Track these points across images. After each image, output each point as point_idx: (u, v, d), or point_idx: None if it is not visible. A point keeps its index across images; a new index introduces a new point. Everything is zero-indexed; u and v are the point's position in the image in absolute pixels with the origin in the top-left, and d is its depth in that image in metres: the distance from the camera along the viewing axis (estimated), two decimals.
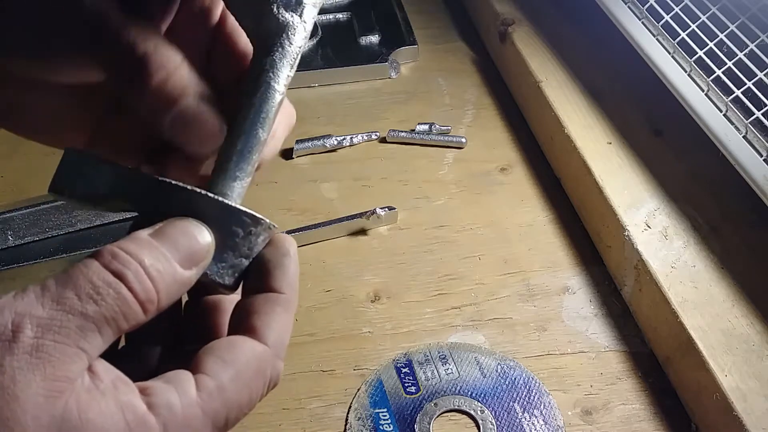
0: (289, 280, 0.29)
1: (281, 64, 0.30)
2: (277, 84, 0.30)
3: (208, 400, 0.26)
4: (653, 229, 0.57)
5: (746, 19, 0.55)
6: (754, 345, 0.49)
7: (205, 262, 0.28)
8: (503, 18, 0.79)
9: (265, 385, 0.28)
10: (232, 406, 0.27)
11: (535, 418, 0.50)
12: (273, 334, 0.28)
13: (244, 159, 0.30)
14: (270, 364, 0.28)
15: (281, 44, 0.30)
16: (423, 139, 0.72)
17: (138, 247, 0.26)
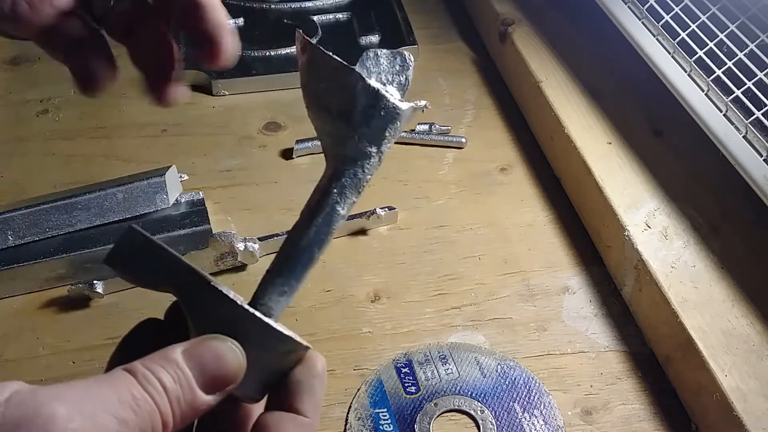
0: (316, 404, 0.30)
1: (350, 191, 0.32)
2: (342, 209, 0.31)
3: None
4: (653, 229, 0.57)
5: (746, 19, 0.55)
6: (754, 345, 0.49)
7: (231, 387, 0.28)
8: (503, 18, 0.79)
9: None
10: None
11: (535, 418, 0.50)
12: None
13: (294, 276, 0.31)
14: None
15: (355, 172, 0.32)
16: (423, 139, 0.71)
17: (165, 368, 0.26)
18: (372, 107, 0.30)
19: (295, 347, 0.30)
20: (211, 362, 0.27)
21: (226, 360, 0.28)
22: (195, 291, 0.29)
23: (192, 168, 0.68)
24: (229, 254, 0.58)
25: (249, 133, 0.73)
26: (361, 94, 0.30)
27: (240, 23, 0.84)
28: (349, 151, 0.31)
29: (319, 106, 0.32)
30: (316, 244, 0.31)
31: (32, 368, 0.52)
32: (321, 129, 0.33)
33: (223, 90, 0.77)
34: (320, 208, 0.31)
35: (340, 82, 0.30)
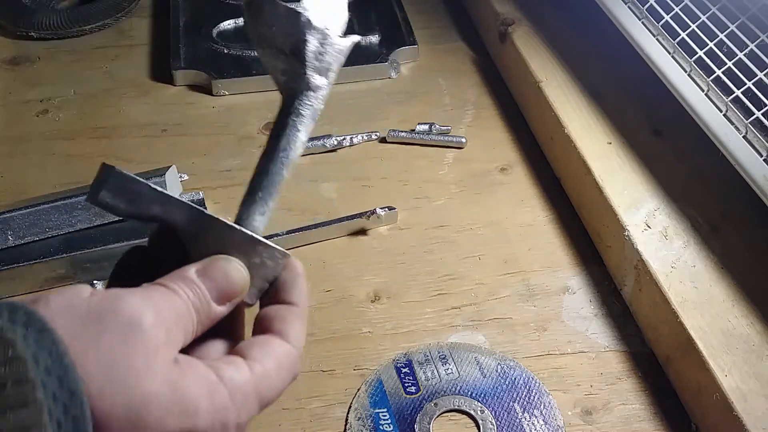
0: (303, 294, 0.36)
1: (307, 117, 0.37)
2: (301, 133, 0.37)
3: (258, 380, 0.32)
4: (653, 229, 0.57)
5: (746, 19, 0.55)
6: (754, 345, 0.49)
7: (238, 300, 0.33)
8: (503, 18, 0.79)
9: (292, 379, 0.34)
10: (272, 389, 0.33)
11: (535, 418, 0.50)
12: (295, 336, 0.34)
13: (270, 196, 0.36)
14: (296, 360, 0.34)
15: (311, 102, 0.37)
16: (423, 139, 0.71)
17: (187, 285, 0.31)
18: (321, 45, 0.35)
19: (281, 255, 0.35)
20: (222, 279, 0.32)
21: (233, 277, 0.33)
22: (188, 219, 0.33)
23: (192, 168, 0.68)
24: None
25: (249, 133, 0.73)
26: (311, 34, 0.35)
27: (240, 23, 0.84)
28: (303, 84, 0.36)
29: (271, 47, 0.36)
30: (283, 166, 0.36)
31: None
32: (274, 67, 0.38)
33: (223, 90, 0.77)
34: (283, 134, 0.36)
35: (291, 25, 0.35)
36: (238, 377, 0.31)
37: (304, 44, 0.35)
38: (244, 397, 0.31)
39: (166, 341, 0.29)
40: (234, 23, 0.84)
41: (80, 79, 0.78)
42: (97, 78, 0.78)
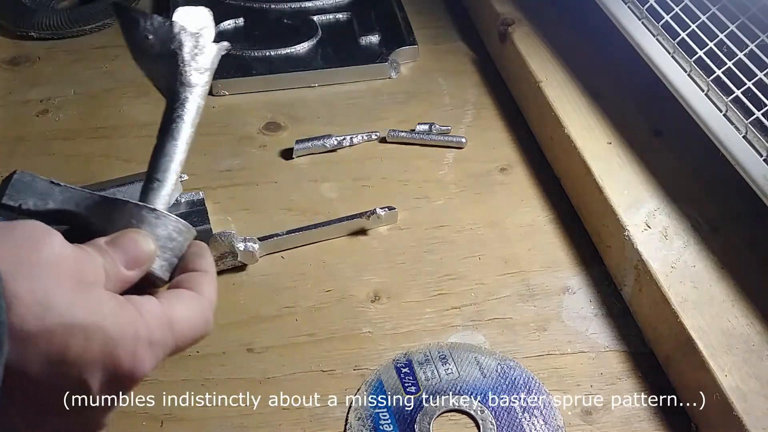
0: (210, 264, 0.39)
1: (191, 110, 0.42)
2: (187, 124, 0.41)
3: (169, 310, 0.35)
4: (653, 229, 0.57)
5: (746, 19, 0.55)
6: (754, 345, 0.49)
7: (147, 265, 0.36)
8: (503, 18, 0.79)
9: (204, 324, 0.36)
10: (184, 324, 0.35)
11: (535, 418, 0.50)
12: (206, 291, 0.37)
13: (168, 180, 0.40)
14: (207, 308, 0.37)
15: (191, 97, 0.41)
16: (423, 139, 0.71)
17: (94, 249, 0.34)
18: (195, 47, 0.41)
19: (186, 228, 0.38)
20: (130, 245, 0.35)
21: (140, 243, 0.36)
22: (95, 206, 0.37)
23: (192, 168, 0.68)
24: (229, 254, 0.58)
25: (249, 133, 0.73)
26: (186, 38, 0.40)
27: (240, 23, 0.84)
28: (184, 83, 0.41)
29: (150, 56, 0.41)
30: (177, 153, 0.41)
31: None
32: (155, 74, 0.42)
33: (223, 90, 0.77)
34: (172, 125, 0.41)
35: (167, 33, 0.40)
36: (148, 303, 0.34)
37: (181, 47, 0.40)
38: (154, 318, 0.34)
39: (73, 265, 0.32)
40: (234, 23, 0.84)
41: (80, 80, 0.78)
42: (97, 78, 0.78)
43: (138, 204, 0.37)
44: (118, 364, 0.33)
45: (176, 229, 0.38)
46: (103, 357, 0.32)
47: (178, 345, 0.36)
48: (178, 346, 0.36)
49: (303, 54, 0.80)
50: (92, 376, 0.32)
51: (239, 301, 0.58)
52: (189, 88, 0.41)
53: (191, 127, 0.42)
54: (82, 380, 0.32)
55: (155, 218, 0.37)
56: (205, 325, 0.37)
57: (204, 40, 0.41)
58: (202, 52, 0.41)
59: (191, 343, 0.37)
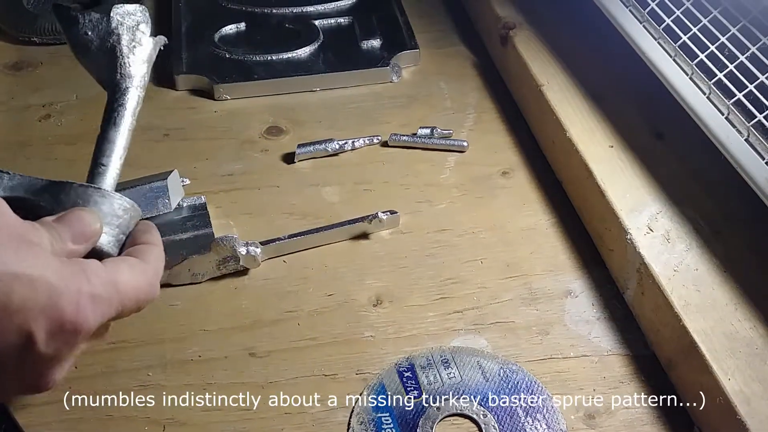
0: (157, 238, 0.41)
1: (132, 99, 0.44)
2: (130, 112, 0.44)
3: (113, 271, 0.37)
4: (655, 233, 0.57)
5: (748, 22, 0.55)
6: (758, 348, 0.49)
7: (94, 239, 0.38)
8: (504, 22, 0.79)
9: (149, 291, 0.39)
10: (129, 285, 0.37)
11: (538, 423, 0.50)
12: (152, 259, 0.40)
13: (112, 164, 0.43)
14: (152, 275, 0.39)
15: (131, 87, 0.44)
16: (424, 142, 0.72)
17: (42, 226, 0.36)
18: (133, 40, 0.43)
19: (130, 205, 0.40)
20: (75, 221, 0.38)
21: (85, 218, 0.38)
22: (42, 191, 0.39)
23: (194, 172, 0.68)
24: (231, 258, 0.58)
25: (251, 138, 0.73)
26: (123, 32, 0.43)
27: (242, 28, 0.84)
28: (124, 74, 0.43)
29: (90, 50, 0.43)
30: (120, 139, 0.43)
31: None
32: (96, 68, 0.44)
33: (225, 94, 0.77)
34: (114, 114, 0.43)
35: (105, 28, 0.43)
36: (92, 263, 0.36)
37: (119, 41, 0.43)
38: (98, 276, 0.36)
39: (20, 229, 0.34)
40: (236, 28, 0.84)
41: (82, 84, 0.78)
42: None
43: (83, 184, 0.39)
44: (62, 314, 0.34)
45: (121, 207, 0.40)
46: (47, 306, 0.34)
47: (123, 305, 0.37)
48: (123, 306, 0.37)
49: (305, 58, 0.80)
50: (37, 325, 0.34)
51: (241, 305, 0.58)
52: (129, 79, 0.43)
53: (132, 116, 0.43)
54: (26, 329, 0.33)
55: (100, 196, 0.39)
56: (149, 289, 0.39)
57: (140, 34, 0.44)
58: (140, 44, 0.43)
59: (136, 306, 0.38)
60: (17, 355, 0.34)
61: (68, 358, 0.37)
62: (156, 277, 0.40)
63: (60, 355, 0.36)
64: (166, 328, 0.56)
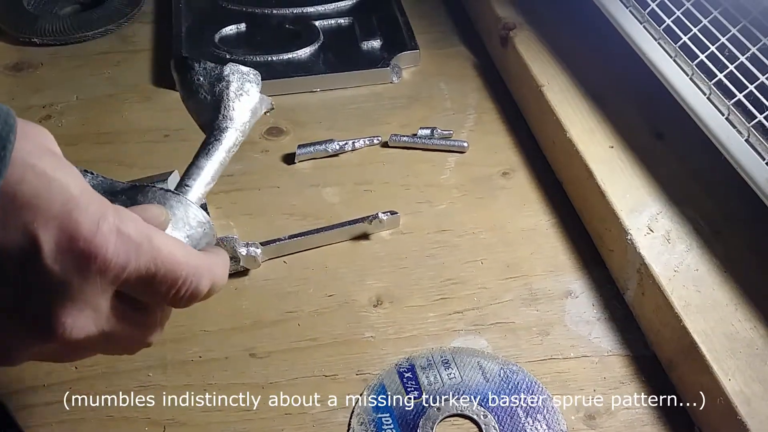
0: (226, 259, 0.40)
1: (230, 138, 0.45)
2: (224, 149, 0.45)
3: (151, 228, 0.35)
4: (656, 233, 0.57)
5: (748, 23, 0.55)
6: (758, 349, 0.49)
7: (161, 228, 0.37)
8: (505, 22, 0.79)
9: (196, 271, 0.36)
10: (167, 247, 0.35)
11: (539, 423, 0.50)
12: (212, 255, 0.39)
13: (196, 186, 0.44)
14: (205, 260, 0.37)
15: (230, 129, 0.45)
16: (425, 143, 0.72)
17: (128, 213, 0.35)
18: (240, 89, 0.45)
19: (206, 219, 0.40)
20: (139, 209, 0.36)
21: (152, 209, 0.37)
22: (122, 193, 0.40)
23: None
24: (231, 259, 0.58)
25: (251, 138, 0.72)
26: (234, 80, 0.46)
27: (242, 28, 0.84)
28: (228, 114, 0.45)
29: (200, 93, 0.46)
30: (207, 168, 0.44)
31: (34, 373, 0.52)
32: (202, 109, 0.46)
33: None
34: (211, 147, 0.44)
35: (218, 75, 0.46)
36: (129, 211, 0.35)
37: (228, 86, 0.45)
38: (132, 219, 0.33)
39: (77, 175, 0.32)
40: (236, 29, 0.84)
41: (83, 85, 0.78)
42: (99, 84, 0.79)
43: (162, 188, 0.39)
44: (77, 227, 0.30)
45: (196, 218, 0.39)
46: (60, 213, 0.30)
47: (157, 265, 0.33)
48: (157, 268, 0.33)
49: (305, 59, 0.80)
50: (45, 231, 0.29)
51: (241, 305, 0.58)
52: (230, 121, 0.45)
53: (226, 152, 0.44)
54: (31, 231, 0.29)
55: (177, 201, 0.39)
56: (196, 270, 0.35)
57: (249, 85, 0.46)
58: (247, 94, 0.46)
59: (172, 276, 0.34)
60: (19, 264, 0.30)
61: (81, 296, 0.31)
62: (208, 269, 0.36)
63: (71, 285, 0.31)
64: (166, 329, 0.55)
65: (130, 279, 0.33)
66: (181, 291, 0.35)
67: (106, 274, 0.31)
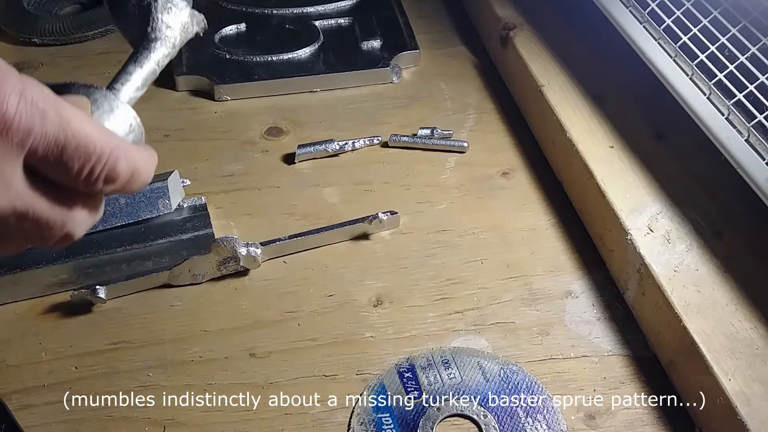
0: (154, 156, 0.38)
1: (158, 51, 0.43)
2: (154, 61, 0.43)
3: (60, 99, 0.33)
4: (656, 233, 0.57)
5: (748, 23, 0.55)
6: (758, 349, 0.49)
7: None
8: (505, 22, 0.79)
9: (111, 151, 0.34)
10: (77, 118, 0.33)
11: (539, 423, 0.50)
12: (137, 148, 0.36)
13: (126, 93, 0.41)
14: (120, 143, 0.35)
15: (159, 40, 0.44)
16: (425, 143, 0.72)
17: None
18: (168, 2, 0.44)
19: (133, 118, 0.39)
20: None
21: (71, 97, 0.35)
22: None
23: (194, 173, 0.68)
24: (231, 259, 0.58)
25: (251, 138, 0.73)
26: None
27: (242, 28, 0.84)
28: (156, 26, 0.44)
29: (127, 8, 0.45)
30: (136, 75, 0.42)
31: (34, 373, 0.52)
32: (130, 24, 0.45)
33: (225, 95, 0.77)
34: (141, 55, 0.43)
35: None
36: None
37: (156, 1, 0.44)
38: (37, 86, 0.32)
39: None
40: (236, 29, 0.84)
41: None
42: (99, 83, 0.78)
43: (87, 84, 0.38)
44: None
45: (121, 113, 0.39)
46: None
47: (64, 132, 0.32)
48: (65, 136, 0.32)
49: (305, 59, 0.80)
50: None
51: (241, 305, 0.58)
52: (159, 32, 0.44)
53: (156, 64, 0.43)
54: None
55: (101, 95, 0.39)
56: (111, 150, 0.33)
57: (177, 1, 0.45)
58: (176, 7, 0.44)
59: (84, 150, 0.33)
60: None
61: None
62: (131, 152, 0.35)
63: None
64: (167, 329, 0.56)
65: (37, 149, 0.32)
66: (96, 170, 0.34)
67: (7, 135, 0.31)
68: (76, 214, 0.36)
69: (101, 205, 0.37)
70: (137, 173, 0.36)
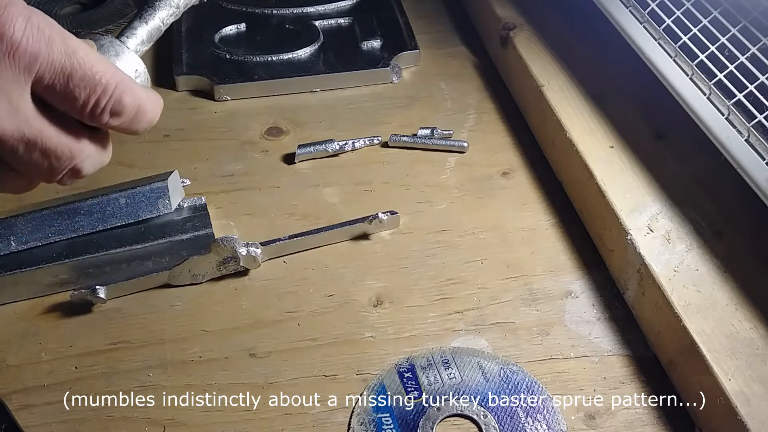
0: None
1: (162, 9, 0.43)
2: (159, 17, 0.43)
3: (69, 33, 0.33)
4: (656, 233, 0.57)
5: (748, 23, 0.55)
6: (758, 349, 0.49)
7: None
8: (505, 22, 0.79)
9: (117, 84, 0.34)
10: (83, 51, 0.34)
11: (539, 423, 0.50)
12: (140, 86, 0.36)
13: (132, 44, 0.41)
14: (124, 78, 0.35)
15: (165, 3, 0.43)
16: (425, 143, 0.72)
17: None
18: None
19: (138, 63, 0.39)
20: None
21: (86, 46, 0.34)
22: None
23: (194, 173, 0.68)
24: (231, 259, 0.58)
25: (251, 138, 0.73)
26: None
27: (242, 28, 0.84)
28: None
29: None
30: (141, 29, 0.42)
31: (34, 373, 0.52)
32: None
33: (225, 95, 0.77)
34: (147, 13, 0.43)
35: None
36: None
37: None
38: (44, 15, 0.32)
39: None
40: (236, 28, 0.84)
41: None
42: None
43: (94, 32, 0.39)
44: None
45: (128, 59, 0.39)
46: None
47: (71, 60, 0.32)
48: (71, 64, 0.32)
49: (305, 59, 0.80)
50: None
51: (241, 305, 0.58)
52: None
53: (160, 20, 0.43)
54: None
55: (109, 42, 0.38)
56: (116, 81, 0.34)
57: None
58: None
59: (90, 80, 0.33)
60: None
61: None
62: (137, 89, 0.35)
63: None
64: (167, 329, 0.56)
65: (44, 76, 0.32)
66: (102, 101, 0.34)
67: (14, 58, 0.31)
68: (84, 147, 0.36)
69: (109, 143, 0.37)
70: (143, 110, 0.36)
